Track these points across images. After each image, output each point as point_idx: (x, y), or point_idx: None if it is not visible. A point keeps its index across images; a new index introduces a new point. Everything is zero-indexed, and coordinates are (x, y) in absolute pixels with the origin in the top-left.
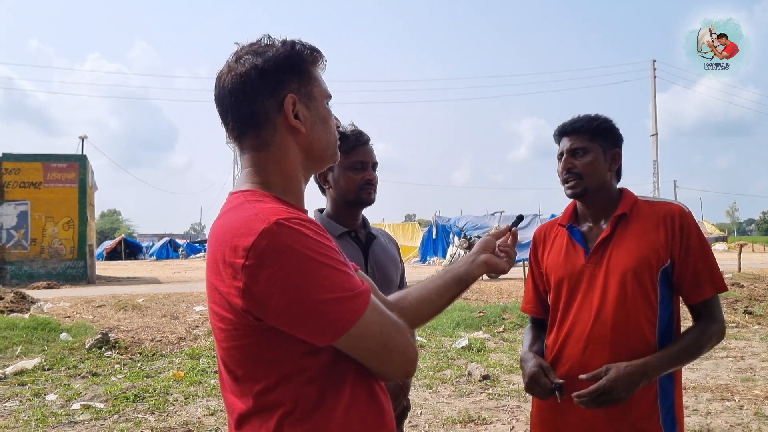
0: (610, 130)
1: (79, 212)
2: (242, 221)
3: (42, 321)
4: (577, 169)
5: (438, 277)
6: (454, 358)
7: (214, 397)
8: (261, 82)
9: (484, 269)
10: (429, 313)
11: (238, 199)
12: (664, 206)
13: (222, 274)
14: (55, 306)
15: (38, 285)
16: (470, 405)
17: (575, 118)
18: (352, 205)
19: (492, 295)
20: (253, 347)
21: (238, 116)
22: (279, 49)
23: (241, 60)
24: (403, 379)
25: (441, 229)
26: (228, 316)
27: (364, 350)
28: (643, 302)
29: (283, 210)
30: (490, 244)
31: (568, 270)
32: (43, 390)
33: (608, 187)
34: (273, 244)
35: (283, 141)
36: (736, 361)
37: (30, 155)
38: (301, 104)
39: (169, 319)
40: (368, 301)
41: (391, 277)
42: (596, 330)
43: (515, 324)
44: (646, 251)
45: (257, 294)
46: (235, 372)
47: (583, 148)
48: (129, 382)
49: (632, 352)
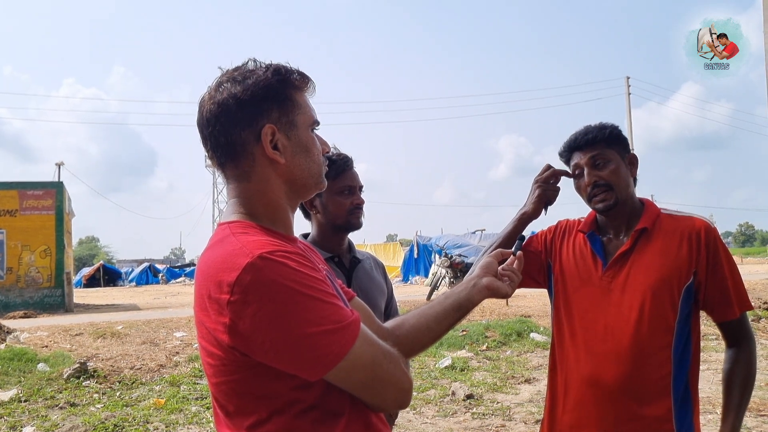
0: (621, 135)
1: (56, 240)
2: (226, 255)
3: (18, 351)
4: (603, 180)
5: (437, 303)
6: (438, 377)
7: (195, 424)
8: (239, 111)
9: (486, 294)
10: (427, 341)
11: (224, 232)
12: (688, 221)
13: (208, 309)
14: (31, 336)
15: (15, 314)
16: (454, 425)
17: (585, 130)
18: (340, 230)
19: (474, 314)
20: (242, 383)
21: (216, 146)
22: (260, 76)
23: (221, 88)
24: (398, 410)
25: (422, 249)
26: (216, 352)
27: (355, 382)
28: (659, 321)
29: (268, 242)
30: (492, 267)
31: (583, 279)
32: (19, 422)
33: (632, 196)
34: (257, 278)
35: (263, 172)
36: (717, 373)
37: (5, 183)
38: (281, 134)
39: (149, 346)
40: (358, 332)
41: (376, 301)
42: (610, 348)
43: (498, 342)
44: (666, 270)
45: (243, 330)
46: (227, 407)
47: (603, 158)
48: (108, 412)
49: (647, 373)
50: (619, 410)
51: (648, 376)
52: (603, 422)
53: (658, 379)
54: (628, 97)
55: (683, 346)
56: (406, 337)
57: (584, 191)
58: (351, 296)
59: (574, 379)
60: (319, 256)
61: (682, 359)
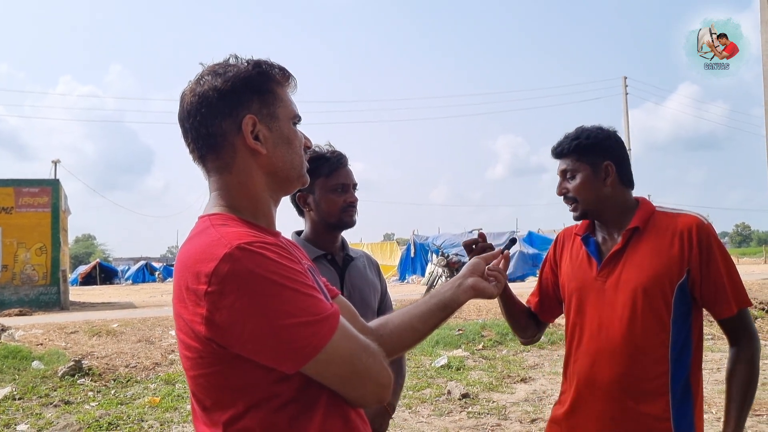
0: (595, 145)
1: (51, 237)
2: (205, 246)
3: (13, 349)
4: (570, 193)
5: (422, 302)
6: (434, 376)
7: (190, 423)
8: (219, 102)
9: (471, 294)
10: (411, 340)
11: (204, 224)
12: (681, 218)
13: (186, 301)
14: (26, 333)
15: (10, 312)
16: (450, 424)
17: (560, 140)
18: (333, 228)
19: (471, 313)
20: (219, 375)
21: (197, 137)
22: (241, 69)
23: (201, 80)
24: (376, 405)
25: (419, 248)
26: (193, 344)
27: (333, 376)
28: (653, 320)
29: (247, 234)
30: (479, 267)
31: (580, 282)
32: (13, 420)
33: (614, 201)
34: (234, 269)
35: (245, 163)
36: (712, 373)
37: (1, 180)
38: (262, 125)
39: (144, 344)
40: (336, 325)
41: (369, 300)
42: (604, 346)
43: (494, 341)
44: (658, 268)
45: (220, 321)
46: (204, 402)
47: (572, 171)
48: (103, 410)
49: (641, 371)
50: (615, 408)
51: (644, 374)
52: (600, 420)
53: (654, 377)
54: (625, 97)
55: (681, 345)
56: (390, 336)
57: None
58: (335, 294)
59: (573, 378)
60: (303, 252)
61: (681, 358)
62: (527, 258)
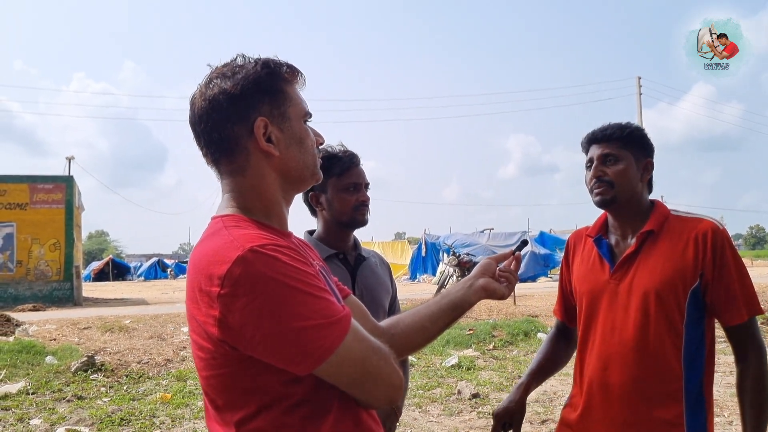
0: (642, 138)
1: (65, 233)
2: (218, 248)
3: (27, 344)
4: (607, 176)
5: (433, 303)
6: (444, 376)
7: (201, 419)
8: (230, 106)
9: (482, 295)
10: (422, 340)
11: (217, 225)
12: (696, 223)
13: (199, 302)
14: (40, 329)
15: (24, 307)
16: (460, 424)
17: (606, 125)
18: (345, 227)
19: (482, 313)
20: (231, 376)
21: (209, 142)
22: (250, 70)
23: (210, 84)
24: (388, 406)
25: (430, 247)
26: (206, 345)
27: (345, 378)
28: (665, 325)
29: (260, 236)
30: (490, 268)
31: (592, 284)
32: (27, 414)
33: (639, 199)
34: (247, 271)
35: (258, 165)
36: (725, 376)
37: (16, 176)
38: (273, 126)
39: (156, 341)
40: (348, 327)
41: (380, 300)
42: (616, 350)
43: (505, 341)
44: (671, 272)
45: (233, 323)
46: (216, 401)
47: (614, 156)
48: (115, 405)
49: (654, 376)
50: (628, 412)
51: (657, 379)
52: (613, 424)
53: (667, 381)
54: (639, 97)
55: (695, 350)
56: (401, 336)
57: (588, 183)
58: (346, 294)
59: (585, 381)
60: (315, 253)
61: (694, 363)
62: (539, 258)
